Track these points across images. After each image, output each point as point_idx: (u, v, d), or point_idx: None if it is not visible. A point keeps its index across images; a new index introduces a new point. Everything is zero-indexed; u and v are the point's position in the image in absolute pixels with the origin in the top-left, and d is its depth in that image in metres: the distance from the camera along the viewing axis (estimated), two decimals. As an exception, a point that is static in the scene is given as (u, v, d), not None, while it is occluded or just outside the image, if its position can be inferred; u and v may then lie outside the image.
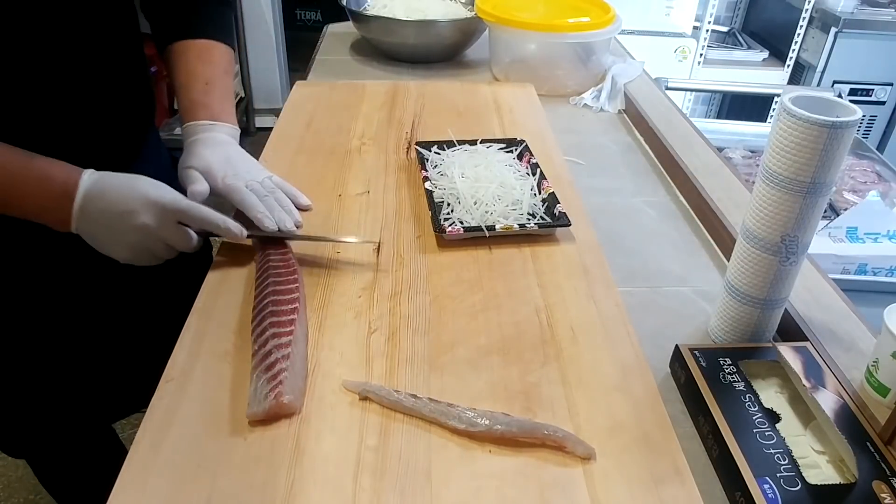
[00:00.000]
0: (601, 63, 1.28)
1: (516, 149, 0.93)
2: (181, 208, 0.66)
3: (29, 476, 1.61)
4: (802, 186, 0.56)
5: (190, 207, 0.66)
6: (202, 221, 0.67)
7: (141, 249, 0.66)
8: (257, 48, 3.02)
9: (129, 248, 0.66)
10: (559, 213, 0.79)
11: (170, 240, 0.66)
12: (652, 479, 0.51)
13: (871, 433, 0.54)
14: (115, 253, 0.67)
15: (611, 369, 0.61)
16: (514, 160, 0.90)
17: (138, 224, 0.64)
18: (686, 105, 2.74)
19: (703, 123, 1.50)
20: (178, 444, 0.52)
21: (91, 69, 0.74)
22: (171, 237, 0.66)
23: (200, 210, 0.67)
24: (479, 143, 0.93)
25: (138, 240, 0.65)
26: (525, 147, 0.93)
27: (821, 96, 0.56)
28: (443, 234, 0.76)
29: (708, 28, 2.54)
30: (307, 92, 1.14)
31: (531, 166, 0.88)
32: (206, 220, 0.67)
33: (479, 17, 1.28)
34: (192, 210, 0.66)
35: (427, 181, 0.84)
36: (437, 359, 0.61)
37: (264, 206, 0.73)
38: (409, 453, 0.52)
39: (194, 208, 0.67)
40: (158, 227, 0.65)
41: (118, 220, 0.64)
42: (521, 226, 0.77)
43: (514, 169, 0.88)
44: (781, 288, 0.62)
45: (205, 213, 0.67)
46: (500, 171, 0.85)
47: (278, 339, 0.59)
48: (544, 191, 0.84)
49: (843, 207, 1.22)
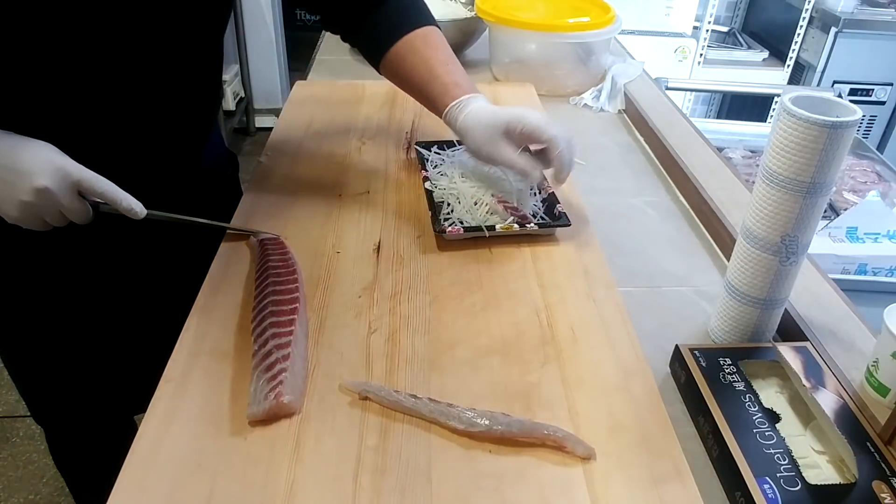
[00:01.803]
0: (601, 63, 1.28)
1: None
2: (84, 177, 0.64)
3: (29, 476, 1.62)
4: (802, 186, 0.56)
5: (93, 178, 0.65)
6: (103, 194, 0.65)
7: (32, 213, 0.64)
8: (257, 48, 3.02)
9: (20, 207, 0.64)
10: (559, 213, 0.79)
11: (66, 208, 0.65)
12: (652, 479, 0.51)
13: (871, 433, 0.54)
14: (4, 210, 0.65)
15: (611, 369, 0.61)
16: None
17: (37, 186, 0.62)
18: (686, 105, 2.74)
19: (703, 123, 1.50)
20: (178, 444, 0.52)
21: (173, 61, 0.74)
22: (67, 205, 0.64)
23: (102, 182, 0.65)
24: None
25: (32, 201, 0.63)
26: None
27: (821, 96, 0.56)
28: (443, 235, 0.76)
29: (708, 28, 2.54)
30: (307, 92, 1.14)
31: None
32: (107, 193, 0.65)
33: (479, 17, 1.28)
34: (94, 182, 0.65)
35: (427, 181, 0.84)
36: (437, 359, 0.61)
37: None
38: (409, 453, 0.52)
39: (98, 180, 0.65)
40: (57, 193, 0.63)
41: (17, 178, 0.62)
42: (521, 226, 0.77)
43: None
44: (781, 288, 0.62)
45: (106, 185, 0.65)
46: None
47: (278, 339, 0.59)
48: (545, 191, 0.84)
49: (843, 207, 1.22)
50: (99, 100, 0.70)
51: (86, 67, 0.67)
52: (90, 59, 0.67)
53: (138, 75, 0.71)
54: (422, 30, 0.83)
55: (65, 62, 0.66)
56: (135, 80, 0.71)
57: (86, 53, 0.66)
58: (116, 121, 0.72)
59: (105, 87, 0.69)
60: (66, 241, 0.74)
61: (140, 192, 0.67)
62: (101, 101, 0.70)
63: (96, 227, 0.68)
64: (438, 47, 0.83)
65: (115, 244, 0.80)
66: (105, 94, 0.70)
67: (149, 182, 0.71)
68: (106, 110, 0.71)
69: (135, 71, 0.70)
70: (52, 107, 0.68)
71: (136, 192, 0.67)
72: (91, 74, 0.68)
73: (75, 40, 0.65)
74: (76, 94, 0.68)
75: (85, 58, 0.66)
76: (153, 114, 0.75)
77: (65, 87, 0.67)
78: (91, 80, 0.68)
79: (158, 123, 0.76)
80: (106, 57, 0.67)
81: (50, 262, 0.80)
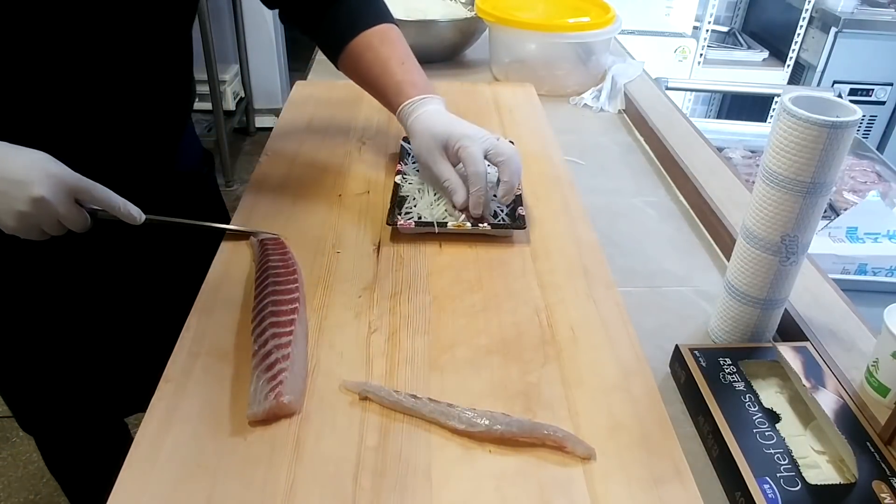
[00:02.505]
0: (601, 63, 1.28)
1: None
2: (81, 185, 0.64)
3: (28, 476, 1.62)
4: (802, 186, 0.56)
5: (90, 186, 0.64)
6: (101, 201, 0.65)
7: (30, 223, 0.64)
8: (257, 48, 3.02)
9: (17, 218, 0.63)
10: (518, 216, 0.78)
11: (63, 217, 0.64)
12: (652, 479, 0.51)
13: (871, 433, 0.54)
14: (2, 222, 0.64)
15: (611, 369, 0.61)
16: None
17: (34, 195, 0.61)
18: (686, 105, 2.74)
19: (703, 123, 1.50)
20: (178, 444, 0.52)
21: (139, 58, 0.73)
22: (65, 214, 0.64)
23: (99, 189, 0.65)
24: None
25: (29, 211, 0.62)
26: None
27: (821, 96, 0.56)
28: (395, 227, 0.77)
29: (708, 28, 2.54)
30: (307, 92, 1.14)
31: None
32: (104, 200, 0.65)
33: (479, 17, 1.28)
34: (92, 189, 0.64)
35: (399, 174, 0.85)
36: (437, 359, 0.61)
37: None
38: (409, 453, 0.52)
39: (95, 187, 0.65)
40: (54, 202, 0.62)
41: (13, 188, 0.61)
42: (474, 225, 0.77)
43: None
44: (781, 288, 0.62)
45: (104, 192, 0.65)
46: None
47: (278, 339, 0.59)
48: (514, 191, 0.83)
49: (843, 207, 1.22)
50: (62, 100, 0.69)
51: (49, 66, 0.66)
52: (53, 58, 0.66)
53: (102, 73, 0.70)
54: (380, 27, 0.84)
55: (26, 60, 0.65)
56: (99, 77, 0.70)
57: (48, 51, 0.65)
58: (82, 121, 0.71)
59: (68, 85, 0.68)
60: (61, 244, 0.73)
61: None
62: (65, 101, 0.69)
63: (92, 231, 0.67)
64: (396, 45, 0.83)
65: (111, 246, 0.80)
66: (68, 93, 0.69)
67: (120, 183, 0.69)
68: (70, 110, 0.70)
69: (99, 68, 0.69)
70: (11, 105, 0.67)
71: None
72: (54, 73, 0.67)
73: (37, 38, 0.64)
74: (39, 94, 0.67)
75: (47, 56, 0.65)
76: (120, 113, 0.74)
77: (27, 85, 0.66)
78: (54, 79, 0.67)
79: (126, 123, 0.75)
80: (68, 54, 0.66)
81: (43, 265, 0.79)
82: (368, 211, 0.83)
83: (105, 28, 0.67)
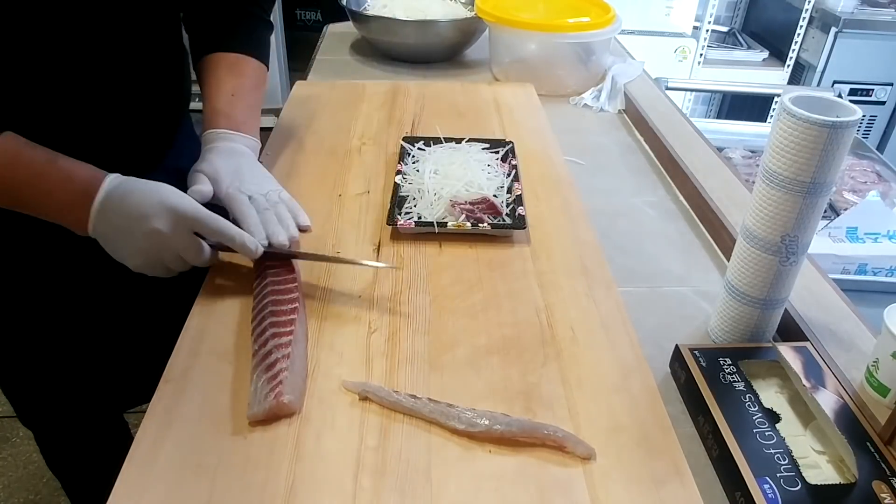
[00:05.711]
0: (601, 63, 1.28)
1: (501, 150, 0.93)
2: (198, 217, 0.64)
3: (28, 476, 1.62)
4: (802, 186, 0.56)
5: (207, 217, 0.64)
6: (218, 233, 0.65)
7: (153, 258, 0.65)
8: (257, 48, 3.02)
9: (141, 254, 0.64)
10: (518, 216, 0.79)
11: (182, 249, 0.64)
12: (652, 479, 0.51)
13: (871, 433, 0.54)
14: (128, 259, 0.65)
15: (611, 369, 0.61)
16: (496, 161, 0.90)
17: (151, 228, 0.62)
18: (686, 105, 2.74)
19: (703, 123, 1.50)
20: (178, 444, 0.52)
21: (129, 56, 0.73)
22: (183, 246, 0.64)
23: (217, 221, 0.65)
24: (465, 141, 0.93)
25: (150, 246, 0.63)
26: (510, 149, 0.93)
27: (821, 96, 0.56)
28: (395, 226, 0.77)
29: (708, 28, 2.54)
30: (307, 92, 1.14)
31: (510, 168, 0.88)
32: (221, 231, 0.65)
33: (479, 17, 1.28)
34: (208, 220, 0.64)
35: (399, 174, 0.85)
36: (437, 359, 0.61)
37: (260, 219, 0.71)
38: (409, 453, 0.52)
39: (211, 218, 0.65)
40: (172, 234, 0.63)
41: (133, 223, 0.62)
42: (474, 225, 0.77)
43: (491, 169, 0.88)
44: (781, 288, 0.62)
45: (221, 224, 0.65)
46: (473, 169, 0.85)
47: (278, 339, 0.59)
48: (513, 192, 0.83)
49: (843, 207, 1.22)
50: (52, 98, 0.69)
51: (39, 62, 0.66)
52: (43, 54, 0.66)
53: (92, 70, 0.70)
54: (239, 56, 0.83)
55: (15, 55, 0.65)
56: (88, 75, 0.70)
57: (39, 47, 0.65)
58: (70, 120, 0.71)
59: (59, 79, 0.68)
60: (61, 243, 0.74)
61: None
62: (56, 95, 0.69)
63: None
64: (240, 78, 0.82)
65: None
66: (59, 87, 0.69)
67: None
68: (62, 105, 0.70)
69: (88, 66, 0.69)
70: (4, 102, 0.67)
71: None
72: (43, 69, 0.67)
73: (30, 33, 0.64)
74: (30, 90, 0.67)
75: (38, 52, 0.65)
76: (112, 109, 0.74)
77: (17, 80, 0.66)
78: (43, 76, 0.67)
79: (118, 118, 0.75)
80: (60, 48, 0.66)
81: (45, 260, 0.79)
82: (368, 211, 0.83)
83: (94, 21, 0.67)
